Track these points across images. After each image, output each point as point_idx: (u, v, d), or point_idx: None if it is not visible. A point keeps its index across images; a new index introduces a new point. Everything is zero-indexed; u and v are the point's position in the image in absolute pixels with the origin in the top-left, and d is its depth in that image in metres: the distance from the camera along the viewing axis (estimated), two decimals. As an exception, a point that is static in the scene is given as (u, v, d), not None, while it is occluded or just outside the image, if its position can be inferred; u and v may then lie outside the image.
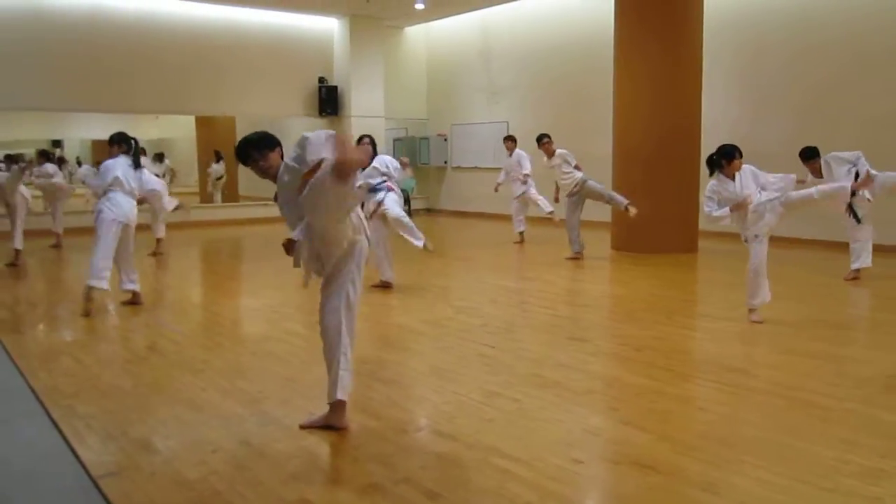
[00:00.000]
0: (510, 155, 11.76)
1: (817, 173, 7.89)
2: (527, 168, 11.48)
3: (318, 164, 3.37)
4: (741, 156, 6.00)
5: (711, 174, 6.15)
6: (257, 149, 3.73)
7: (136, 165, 7.05)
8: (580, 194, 9.85)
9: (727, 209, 5.95)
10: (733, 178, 5.99)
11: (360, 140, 7.57)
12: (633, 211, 9.41)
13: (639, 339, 5.70)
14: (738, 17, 11.61)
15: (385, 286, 7.76)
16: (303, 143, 3.54)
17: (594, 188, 9.79)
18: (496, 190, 12.24)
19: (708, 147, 10.61)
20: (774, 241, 10.35)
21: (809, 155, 7.98)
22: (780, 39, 11.15)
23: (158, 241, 10.85)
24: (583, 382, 4.62)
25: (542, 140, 10.03)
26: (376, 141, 7.98)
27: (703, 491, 3.08)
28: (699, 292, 8.10)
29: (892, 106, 9.91)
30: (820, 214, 8.50)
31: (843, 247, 8.51)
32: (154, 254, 10.69)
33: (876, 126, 9.47)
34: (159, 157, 16.29)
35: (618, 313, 6.92)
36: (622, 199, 9.63)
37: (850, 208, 7.67)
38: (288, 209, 3.73)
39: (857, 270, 7.92)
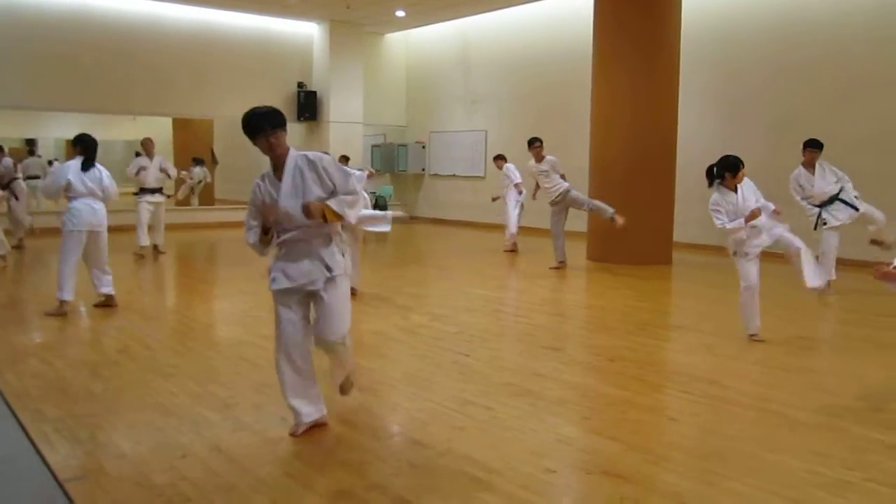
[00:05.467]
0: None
1: (810, 164, 8.07)
2: (518, 178, 11.90)
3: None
4: (743, 167, 5.88)
5: (710, 185, 5.97)
6: (270, 123, 3.63)
7: (86, 167, 6.75)
8: (563, 203, 9.91)
9: (741, 221, 5.74)
10: (735, 190, 5.87)
11: (346, 161, 7.70)
12: (619, 221, 9.35)
13: (612, 349, 5.73)
14: (715, 34, 11.73)
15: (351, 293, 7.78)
16: (344, 171, 3.84)
17: (577, 198, 9.87)
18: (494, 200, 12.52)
19: (684, 161, 10.84)
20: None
21: (814, 145, 8.11)
22: (758, 58, 11.28)
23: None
24: (556, 392, 4.64)
25: (535, 143, 10.05)
26: (354, 148, 8.05)
27: (673, 501, 3.10)
28: (673, 304, 8.16)
29: (868, 129, 9.99)
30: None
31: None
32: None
33: (852, 149, 9.52)
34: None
35: (592, 323, 6.96)
36: (607, 208, 9.53)
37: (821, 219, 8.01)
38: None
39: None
